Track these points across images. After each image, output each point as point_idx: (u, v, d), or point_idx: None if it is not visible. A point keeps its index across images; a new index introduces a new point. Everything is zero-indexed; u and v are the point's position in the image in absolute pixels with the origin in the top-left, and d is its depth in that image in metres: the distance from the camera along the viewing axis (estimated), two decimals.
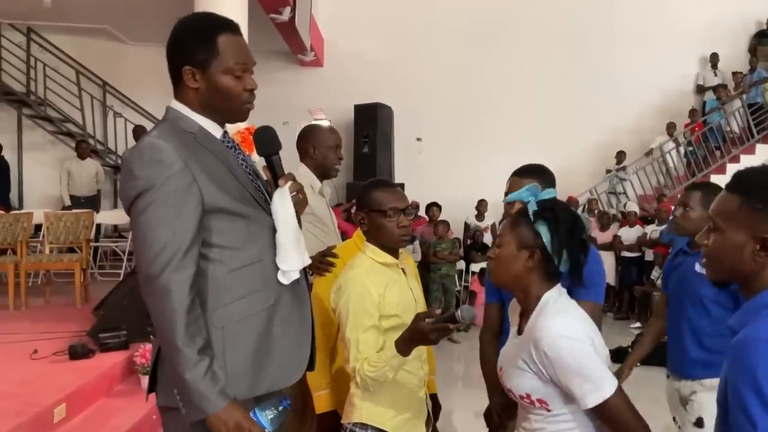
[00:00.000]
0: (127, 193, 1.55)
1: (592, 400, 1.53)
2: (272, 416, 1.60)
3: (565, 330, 1.57)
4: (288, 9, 7.55)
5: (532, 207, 1.67)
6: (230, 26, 1.66)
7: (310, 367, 1.81)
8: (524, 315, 1.71)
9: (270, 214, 1.69)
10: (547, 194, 1.76)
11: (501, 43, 10.62)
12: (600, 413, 1.56)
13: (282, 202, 1.68)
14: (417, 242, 8.19)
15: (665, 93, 10.89)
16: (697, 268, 2.63)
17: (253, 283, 1.64)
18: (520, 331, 1.73)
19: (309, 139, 2.89)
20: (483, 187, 9.81)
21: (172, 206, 1.52)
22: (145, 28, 9.62)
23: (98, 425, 3.47)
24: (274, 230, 1.68)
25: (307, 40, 9.14)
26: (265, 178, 1.78)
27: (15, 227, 6.20)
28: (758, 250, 1.26)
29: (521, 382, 1.64)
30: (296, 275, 1.70)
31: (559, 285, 1.69)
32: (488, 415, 2.19)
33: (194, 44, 1.62)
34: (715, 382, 2.61)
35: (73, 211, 7.09)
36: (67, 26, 9.65)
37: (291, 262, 1.68)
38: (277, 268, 1.67)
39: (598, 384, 1.53)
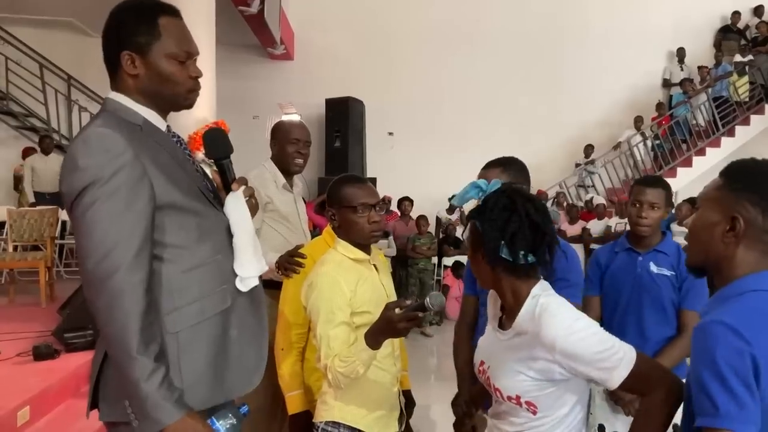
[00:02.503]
0: (71, 186, 1.40)
1: (618, 378, 1.48)
2: (229, 425, 1.52)
3: (573, 324, 1.51)
4: (257, 1, 7.47)
5: (470, 208, 1.59)
6: (171, 9, 1.57)
7: None
8: (508, 311, 1.65)
9: (221, 212, 1.61)
10: (493, 186, 1.61)
11: (472, 39, 10.67)
12: (627, 386, 1.49)
13: (236, 206, 1.61)
14: (391, 237, 8.17)
15: (633, 87, 11.05)
16: (653, 268, 2.53)
17: (208, 284, 1.54)
18: (501, 325, 1.67)
19: (272, 135, 2.90)
20: (454, 182, 9.80)
21: (122, 200, 1.40)
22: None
23: (63, 428, 3.40)
24: (227, 229, 1.60)
25: (277, 33, 9.05)
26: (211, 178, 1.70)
27: None
28: (727, 231, 1.28)
29: (513, 383, 1.57)
30: (255, 282, 1.62)
31: (542, 280, 1.61)
32: (456, 404, 2.20)
33: (133, 27, 1.52)
34: None
35: (38, 208, 6.92)
36: (30, 18, 9.41)
37: (249, 268, 1.60)
38: (233, 269, 1.59)
39: (616, 364, 1.48)
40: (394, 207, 9.13)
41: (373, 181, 9.12)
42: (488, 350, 1.70)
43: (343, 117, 9.94)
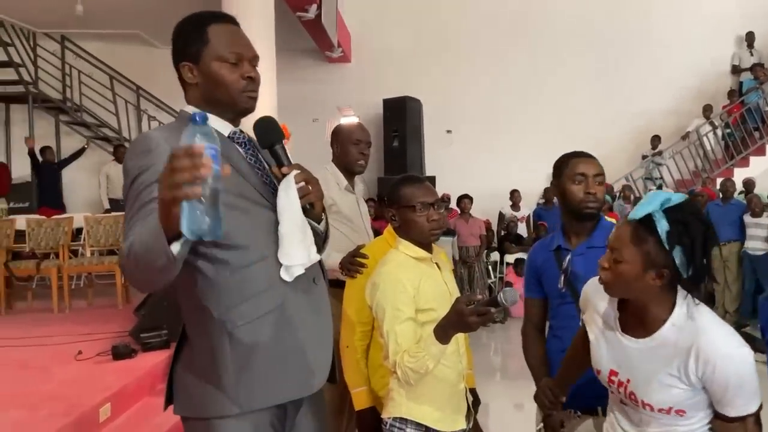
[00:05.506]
0: (124, 184, 1.50)
1: (739, 411, 1.51)
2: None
3: (735, 345, 1.49)
4: (314, 6, 7.57)
5: (663, 226, 1.46)
6: (222, 17, 1.62)
7: (331, 379, 1.72)
8: (639, 316, 1.58)
9: (274, 212, 1.58)
10: (676, 199, 1.50)
11: (531, 31, 10.49)
12: (730, 422, 1.52)
13: (286, 192, 1.56)
14: (455, 239, 8.04)
15: (700, 75, 10.62)
16: None
17: (258, 283, 1.54)
18: (626, 328, 1.61)
19: (334, 137, 2.95)
20: (514, 177, 9.75)
21: (151, 189, 1.38)
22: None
23: (142, 424, 3.55)
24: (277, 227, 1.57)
25: (334, 37, 9.16)
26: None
27: (56, 232, 6.37)
28: None
29: (667, 397, 1.54)
30: (300, 271, 1.57)
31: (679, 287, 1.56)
32: (540, 395, 2.11)
33: (186, 38, 1.59)
34: None
35: (112, 214, 7.24)
36: (99, 33, 9.82)
37: (294, 256, 1.56)
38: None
39: (750, 399, 1.51)
40: (453, 204, 9.08)
41: (432, 179, 9.11)
42: (621, 359, 1.63)
43: (401, 116, 9.95)
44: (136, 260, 1.29)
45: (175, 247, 1.23)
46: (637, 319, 1.59)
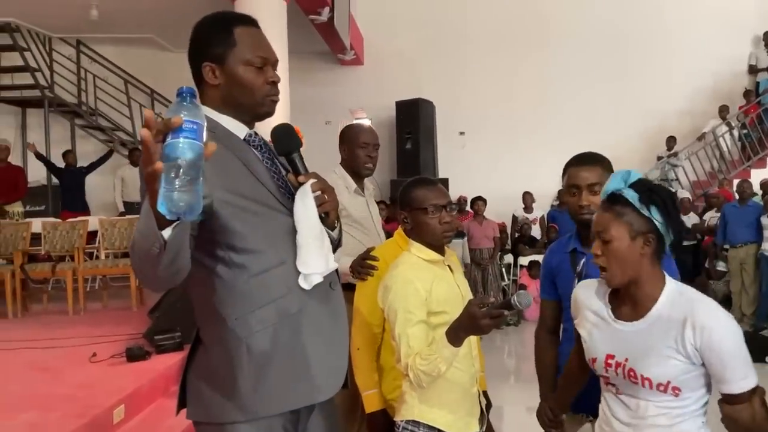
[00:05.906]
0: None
1: (740, 386, 1.55)
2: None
3: (725, 314, 1.58)
4: (327, 9, 7.59)
5: (630, 194, 1.60)
6: (247, 19, 1.62)
7: (344, 384, 1.69)
8: (632, 300, 1.66)
9: (291, 216, 1.58)
10: (635, 175, 1.64)
11: (544, 32, 10.44)
12: (736, 402, 1.57)
13: (303, 201, 1.56)
14: (465, 240, 8.00)
15: (716, 75, 10.52)
16: None
17: (276, 289, 1.54)
18: (620, 315, 1.67)
19: (341, 140, 2.94)
20: (528, 179, 9.71)
21: None
22: (189, 36, 9.83)
23: (156, 426, 3.56)
24: (295, 232, 1.57)
25: (347, 40, 9.18)
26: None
27: (71, 235, 6.42)
28: None
29: (665, 370, 1.58)
30: (318, 279, 1.57)
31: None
32: (542, 414, 2.15)
33: (211, 39, 1.58)
34: None
35: (126, 217, 7.29)
36: (114, 37, 9.91)
37: (312, 264, 1.56)
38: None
39: (748, 370, 1.56)
40: (469, 208, 9.06)
41: (445, 181, 9.09)
42: (617, 343, 1.67)
43: (414, 118, 9.94)
44: (137, 250, 1.29)
45: (167, 232, 1.22)
46: (630, 304, 1.67)
